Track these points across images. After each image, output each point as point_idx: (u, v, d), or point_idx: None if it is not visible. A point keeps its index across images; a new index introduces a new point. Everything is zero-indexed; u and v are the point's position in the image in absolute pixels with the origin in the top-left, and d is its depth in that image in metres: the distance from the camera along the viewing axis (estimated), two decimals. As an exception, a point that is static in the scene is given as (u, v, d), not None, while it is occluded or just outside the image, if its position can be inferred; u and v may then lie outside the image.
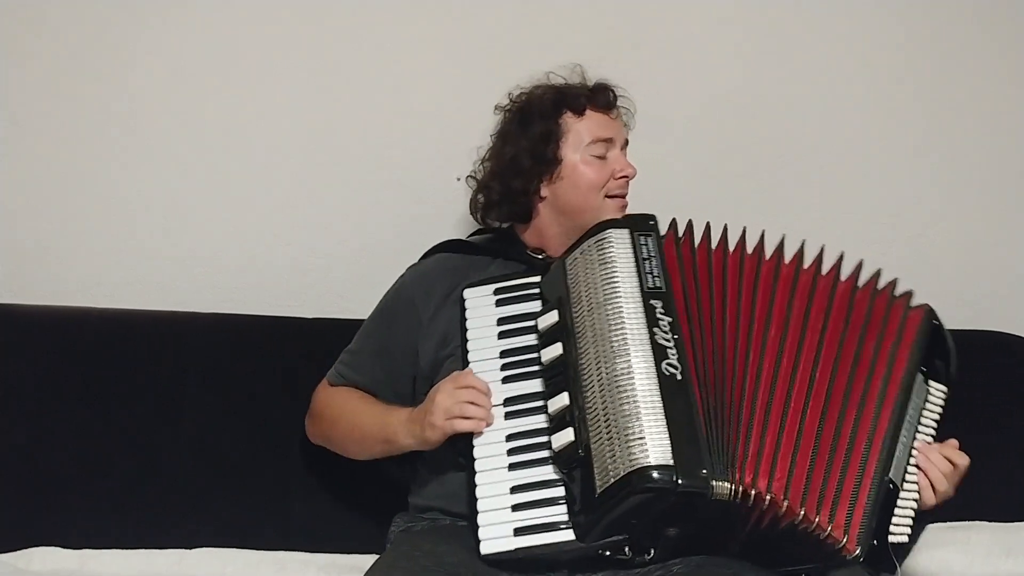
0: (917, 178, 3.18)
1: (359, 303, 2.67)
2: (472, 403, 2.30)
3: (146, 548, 2.62)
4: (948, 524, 2.76)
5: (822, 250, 2.42)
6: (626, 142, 2.59)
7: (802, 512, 2.14)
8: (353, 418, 2.52)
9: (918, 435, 2.33)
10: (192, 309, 2.90)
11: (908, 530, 2.28)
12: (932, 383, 2.39)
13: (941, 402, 2.40)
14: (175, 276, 2.98)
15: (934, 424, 2.38)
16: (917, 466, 2.31)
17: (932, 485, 2.31)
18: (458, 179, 2.82)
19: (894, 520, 2.25)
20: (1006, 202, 3.20)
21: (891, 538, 2.23)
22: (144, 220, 2.98)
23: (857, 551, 2.17)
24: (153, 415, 2.75)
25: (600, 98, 2.57)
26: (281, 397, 2.74)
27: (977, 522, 2.80)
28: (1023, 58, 3.18)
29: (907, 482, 2.29)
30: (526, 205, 2.58)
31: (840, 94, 3.14)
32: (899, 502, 2.27)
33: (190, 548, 2.63)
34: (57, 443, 2.71)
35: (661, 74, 3.05)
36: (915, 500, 2.30)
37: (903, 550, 2.28)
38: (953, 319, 2.98)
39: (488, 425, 2.30)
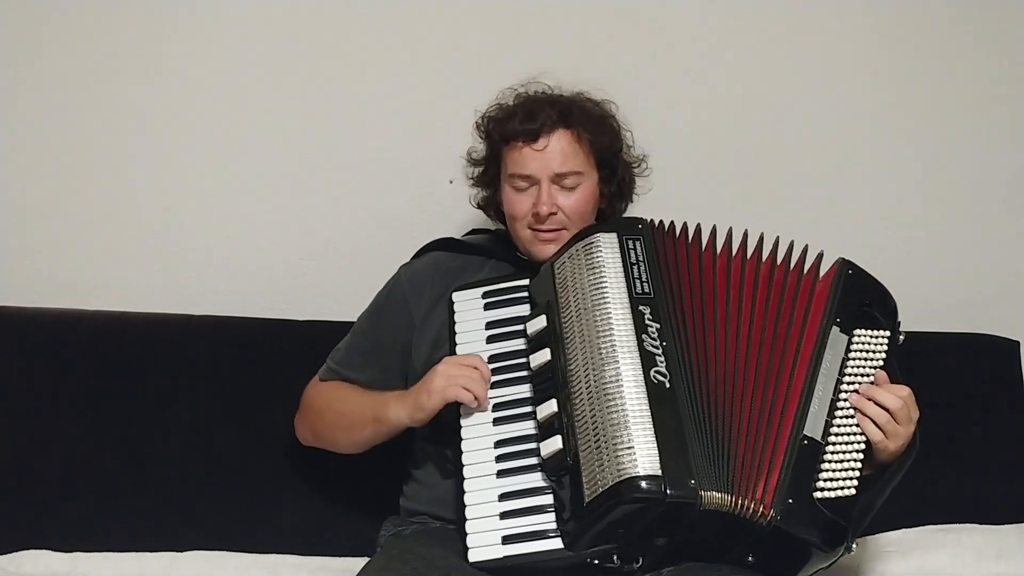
0: (908, 181, 3.17)
1: (352, 306, 2.66)
2: (467, 385, 2.30)
3: (137, 551, 2.63)
4: (939, 526, 2.78)
5: (745, 233, 2.41)
6: (560, 175, 2.44)
7: (752, 503, 2.12)
8: (341, 406, 2.52)
9: (845, 385, 2.26)
10: (185, 312, 2.90)
11: (851, 483, 2.18)
12: (859, 331, 2.32)
13: (880, 347, 2.33)
14: (168, 279, 2.98)
15: (872, 370, 2.29)
16: (855, 413, 2.23)
17: (876, 424, 2.22)
18: (451, 182, 2.82)
19: (823, 476, 2.16)
20: (997, 205, 3.19)
21: (821, 494, 2.15)
22: (137, 223, 2.98)
23: (771, 513, 2.10)
24: (145, 418, 2.76)
25: (515, 131, 2.47)
26: (274, 400, 2.73)
27: (968, 524, 2.81)
28: (1014, 60, 3.17)
29: (834, 435, 2.21)
30: (499, 211, 2.60)
31: (831, 96, 3.12)
32: (826, 456, 2.18)
33: (181, 551, 2.64)
34: (48, 445, 2.71)
35: (651, 78, 3.05)
36: (856, 450, 2.22)
37: (855, 509, 2.18)
38: (945, 322, 3.00)
39: (480, 404, 2.30)
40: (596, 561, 2.17)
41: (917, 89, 3.15)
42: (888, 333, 2.35)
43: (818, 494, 2.16)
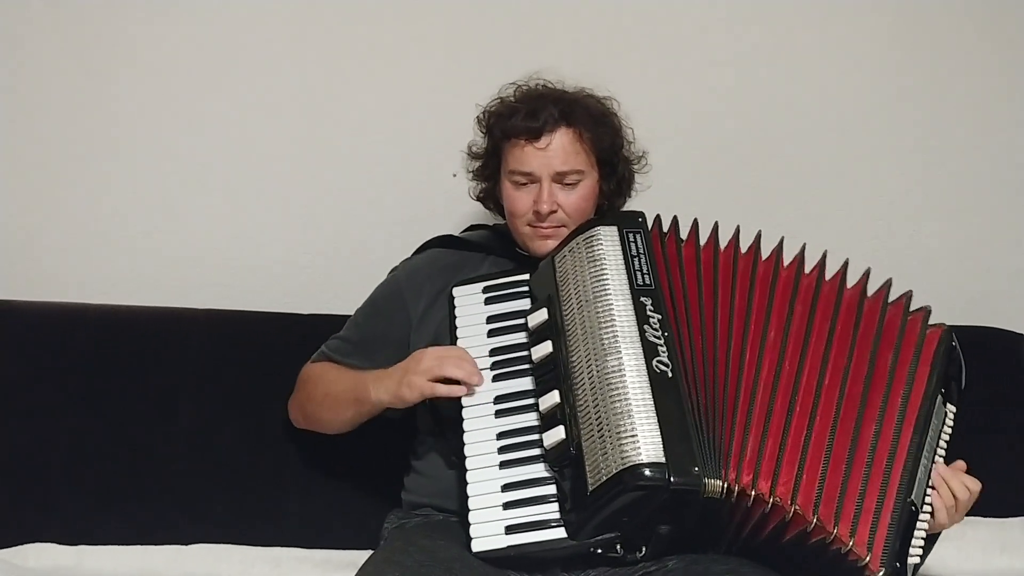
0: (910, 175, 3.17)
1: (354, 299, 2.66)
2: (456, 366, 2.32)
3: (142, 544, 2.64)
4: (944, 520, 2.78)
5: (824, 255, 2.39)
6: (561, 174, 2.46)
7: (815, 520, 2.11)
8: (326, 387, 2.53)
9: (937, 458, 2.29)
10: (188, 305, 2.90)
11: (919, 551, 2.23)
12: (949, 406, 2.34)
13: (951, 423, 2.35)
14: (171, 272, 2.99)
15: (946, 445, 2.32)
16: (934, 488, 2.26)
17: (945, 506, 2.26)
18: (454, 175, 2.82)
19: (912, 543, 2.20)
20: (999, 198, 3.20)
21: (908, 560, 2.19)
22: (140, 216, 2.99)
23: (881, 572, 2.12)
24: (149, 411, 2.76)
25: (516, 128, 2.47)
26: (277, 394, 2.72)
27: (973, 518, 2.77)
28: (1015, 56, 3.18)
29: (925, 504, 2.25)
30: (498, 204, 2.60)
31: (833, 93, 3.13)
32: (917, 524, 2.22)
33: (186, 544, 2.65)
34: (52, 439, 2.71)
35: (654, 74, 3.05)
36: (927, 521, 2.25)
37: (915, 572, 2.24)
38: (947, 315, 2.98)
39: (470, 393, 2.32)
40: (600, 550, 2.17)
41: (919, 84, 3.16)
42: (955, 409, 2.37)
43: (908, 560, 2.19)
